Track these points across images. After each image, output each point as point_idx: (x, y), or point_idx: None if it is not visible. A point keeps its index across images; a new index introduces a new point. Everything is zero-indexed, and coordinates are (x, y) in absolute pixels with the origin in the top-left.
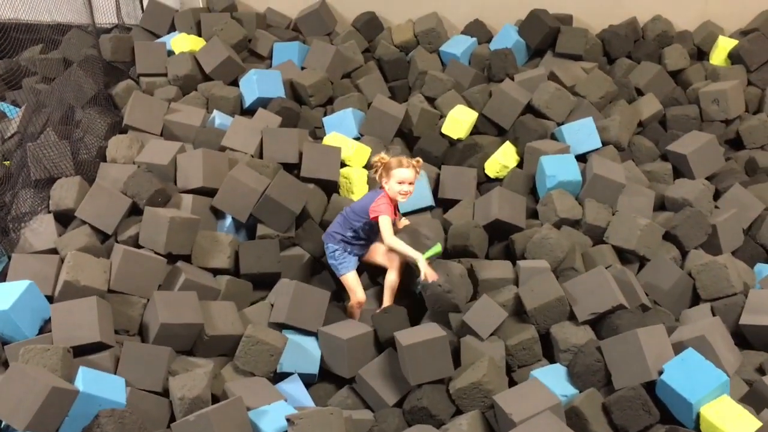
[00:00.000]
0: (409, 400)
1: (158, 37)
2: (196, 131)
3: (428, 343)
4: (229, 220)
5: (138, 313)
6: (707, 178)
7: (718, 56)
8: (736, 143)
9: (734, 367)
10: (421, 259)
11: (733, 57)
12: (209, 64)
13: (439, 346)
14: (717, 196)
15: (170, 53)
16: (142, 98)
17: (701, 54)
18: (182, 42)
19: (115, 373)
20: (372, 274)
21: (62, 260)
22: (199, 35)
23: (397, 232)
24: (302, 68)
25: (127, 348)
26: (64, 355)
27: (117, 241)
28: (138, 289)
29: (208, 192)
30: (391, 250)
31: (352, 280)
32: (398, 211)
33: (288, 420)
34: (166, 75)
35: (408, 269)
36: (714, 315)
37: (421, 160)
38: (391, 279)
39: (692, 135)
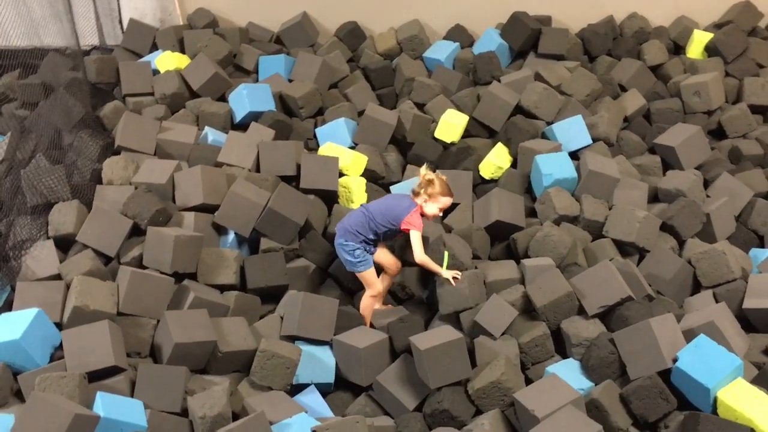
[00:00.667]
0: (429, 404)
1: (140, 56)
2: (191, 148)
3: (446, 346)
4: (232, 236)
5: (149, 334)
6: (696, 168)
7: (695, 49)
8: (718, 133)
9: (743, 350)
10: (444, 273)
11: (710, 49)
12: (197, 80)
13: (456, 348)
14: (706, 185)
15: (155, 72)
16: (133, 118)
17: (678, 48)
18: (167, 60)
19: (131, 396)
20: None
21: (68, 286)
22: (183, 53)
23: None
24: (290, 80)
25: (142, 370)
26: (81, 381)
27: (120, 263)
28: (147, 310)
29: (209, 209)
30: (420, 264)
31: (372, 275)
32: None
33: None
34: (152, 94)
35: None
36: (717, 301)
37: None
38: (387, 283)
39: (678, 127)
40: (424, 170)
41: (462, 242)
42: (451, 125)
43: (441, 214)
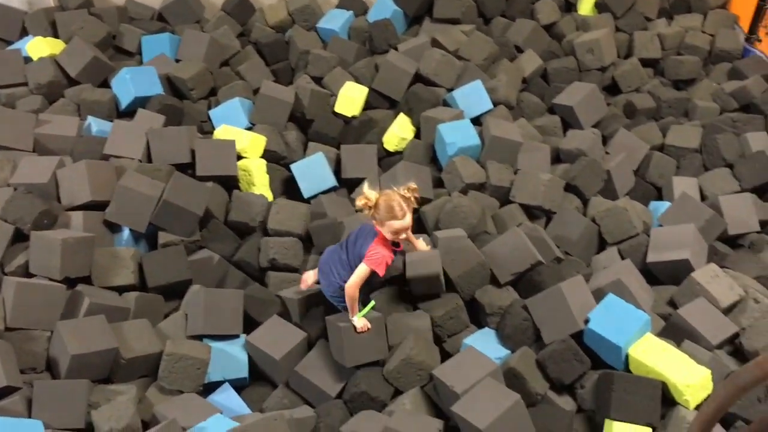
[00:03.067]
0: (348, 389)
1: (9, 43)
2: (73, 142)
3: None
4: (126, 233)
5: (43, 347)
6: (594, 126)
7: (586, 6)
8: (612, 89)
9: (649, 304)
10: (355, 319)
11: (600, 5)
12: (74, 67)
13: (374, 326)
14: (604, 141)
15: (27, 60)
16: (5, 113)
17: (569, 6)
18: (39, 46)
19: (29, 417)
20: None
21: None
22: (56, 37)
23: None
24: (177, 61)
25: (39, 387)
26: None
27: (5, 274)
28: (38, 322)
29: (99, 206)
30: (345, 290)
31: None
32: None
33: None
34: (26, 84)
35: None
36: (622, 257)
37: (416, 187)
38: None
39: (574, 86)
40: (365, 189)
41: None
42: (350, 99)
43: (405, 236)
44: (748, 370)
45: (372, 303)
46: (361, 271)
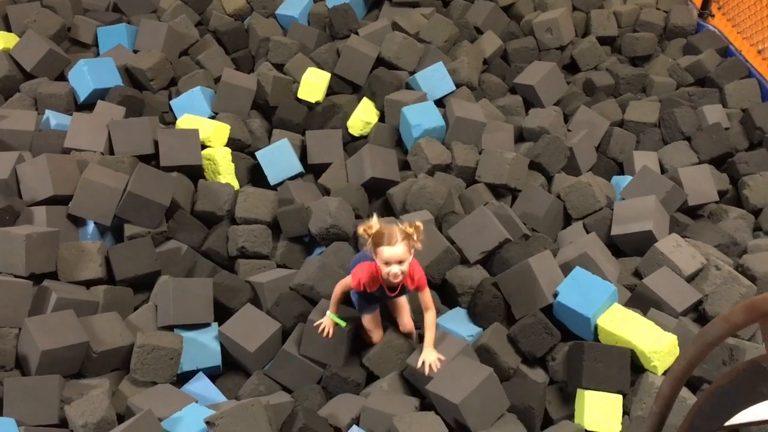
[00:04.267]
0: (323, 374)
1: None
2: (32, 136)
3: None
4: (91, 226)
5: (11, 345)
6: (555, 104)
7: None
8: (572, 67)
9: (615, 275)
10: (325, 318)
11: None
12: (29, 60)
13: (337, 337)
14: (566, 119)
15: None
16: None
17: None
18: None
19: (1, 415)
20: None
21: None
22: (9, 31)
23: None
24: (135, 51)
25: (9, 385)
26: None
27: None
28: (6, 319)
29: (62, 200)
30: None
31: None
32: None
33: (207, 423)
34: None
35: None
36: (587, 231)
37: (420, 225)
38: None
39: (535, 65)
40: (372, 219)
41: (346, 207)
42: (313, 84)
43: (399, 272)
44: (715, 324)
45: (344, 324)
46: (342, 280)
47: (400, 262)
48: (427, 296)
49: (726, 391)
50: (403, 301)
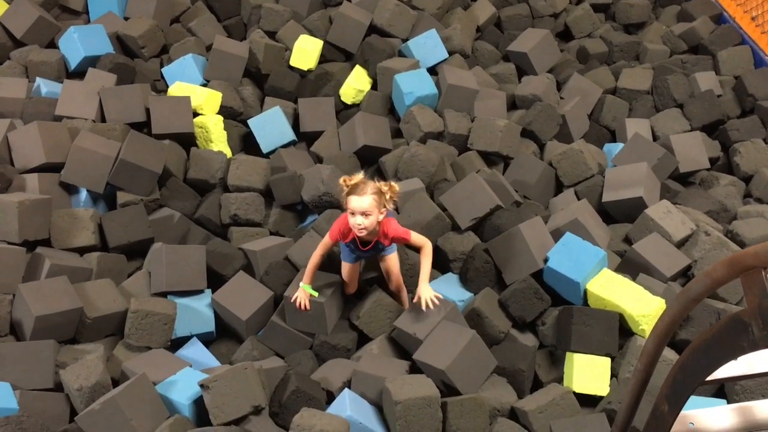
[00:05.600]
0: (315, 339)
1: None
2: (23, 104)
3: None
4: (84, 194)
5: (6, 311)
6: (548, 72)
7: None
8: (565, 35)
9: (606, 241)
10: (301, 287)
11: None
12: (19, 27)
13: (313, 310)
14: (558, 87)
15: None
16: None
17: None
18: None
19: None
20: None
21: None
22: None
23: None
24: (125, 18)
25: (4, 350)
26: None
27: None
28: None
29: (54, 167)
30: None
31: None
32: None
33: (201, 386)
34: None
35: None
36: (578, 198)
37: (395, 186)
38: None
39: (528, 33)
40: (359, 175)
41: (339, 175)
42: (305, 52)
43: (361, 225)
44: (698, 281)
45: (317, 294)
46: (323, 240)
47: (364, 215)
48: (416, 237)
49: (709, 345)
50: (391, 261)
